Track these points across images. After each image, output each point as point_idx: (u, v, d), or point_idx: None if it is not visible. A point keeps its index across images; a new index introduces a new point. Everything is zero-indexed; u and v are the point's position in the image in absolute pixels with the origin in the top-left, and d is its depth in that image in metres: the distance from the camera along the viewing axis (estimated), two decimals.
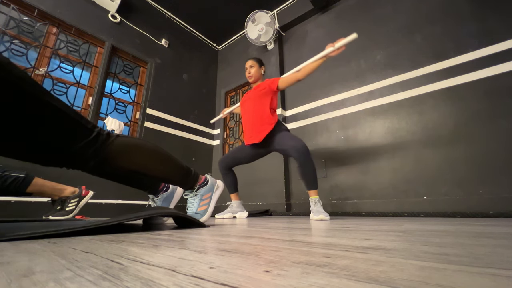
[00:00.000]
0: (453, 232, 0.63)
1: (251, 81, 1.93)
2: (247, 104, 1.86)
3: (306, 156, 1.54)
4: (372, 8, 2.44)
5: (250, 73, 1.91)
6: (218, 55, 3.95)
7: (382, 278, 0.22)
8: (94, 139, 0.70)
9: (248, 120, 1.82)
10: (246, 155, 1.87)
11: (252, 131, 1.77)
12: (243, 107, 1.91)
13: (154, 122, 2.81)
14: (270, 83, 1.79)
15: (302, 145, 1.55)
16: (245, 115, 1.87)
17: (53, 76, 2.16)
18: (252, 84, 1.95)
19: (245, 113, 1.88)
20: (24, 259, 0.33)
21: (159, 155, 0.88)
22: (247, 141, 1.80)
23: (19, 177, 1.32)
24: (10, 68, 0.55)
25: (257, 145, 1.77)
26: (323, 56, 1.58)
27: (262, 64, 1.96)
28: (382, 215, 1.76)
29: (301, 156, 1.53)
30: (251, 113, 1.81)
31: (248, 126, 1.81)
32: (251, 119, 1.80)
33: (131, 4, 2.83)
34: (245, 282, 0.22)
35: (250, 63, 1.93)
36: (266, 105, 1.76)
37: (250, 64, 1.93)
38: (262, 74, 1.95)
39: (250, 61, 1.94)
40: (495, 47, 1.72)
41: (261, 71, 1.94)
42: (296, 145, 1.55)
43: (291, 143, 1.58)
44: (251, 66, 1.92)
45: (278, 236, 0.61)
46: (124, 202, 2.34)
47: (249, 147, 1.84)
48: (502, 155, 1.57)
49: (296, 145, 1.55)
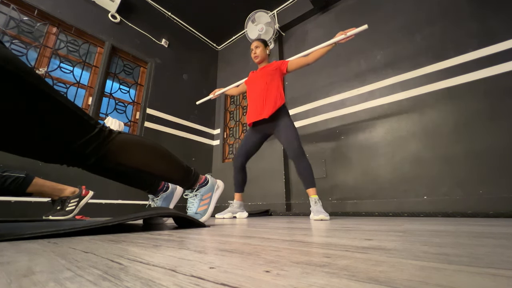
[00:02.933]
0: (453, 232, 0.63)
1: (257, 61, 1.95)
2: (257, 82, 1.86)
3: (300, 155, 1.60)
4: (372, 8, 2.44)
5: (256, 53, 1.93)
6: (218, 55, 3.95)
7: (382, 278, 0.22)
8: (96, 135, 0.70)
9: (258, 97, 1.81)
10: (253, 143, 1.87)
11: (262, 107, 1.76)
12: (251, 85, 1.91)
13: (154, 122, 2.81)
14: (280, 64, 1.83)
15: (297, 145, 1.61)
16: (253, 92, 1.87)
17: (53, 76, 2.16)
18: (259, 65, 1.98)
19: (253, 90, 1.88)
20: (24, 259, 0.33)
21: (160, 152, 0.88)
22: (256, 117, 1.78)
23: (19, 177, 1.32)
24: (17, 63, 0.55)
25: (262, 124, 1.79)
26: (333, 42, 1.64)
27: (267, 44, 1.99)
28: (382, 215, 1.76)
29: (294, 156, 1.61)
30: (260, 90, 1.81)
31: (258, 103, 1.80)
32: (261, 96, 1.79)
33: (131, 4, 2.83)
34: (245, 282, 0.22)
35: (255, 44, 1.96)
36: (277, 83, 1.80)
37: (255, 44, 1.95)
38: (267, 55, 1.97)
39: (255, 42, 1.97)
40: (495, 47, 1.72)
41: (267, 51, 1.97)
42: (292, 147, 1.61)
43: (288, 140, 1.63)
44: (256, 47, 1.94)
45: (278, 236, 0.61)
46: (124, 202, 2.34)
47: (253, 132, 1.85)
48: (502, 155, 1.57)
49: (292, 146, 1.61)
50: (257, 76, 1.88)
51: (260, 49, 1.93)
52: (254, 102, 1.84)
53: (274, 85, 1.79)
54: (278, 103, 1.73)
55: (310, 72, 2.72)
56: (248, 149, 1.89)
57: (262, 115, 1.74)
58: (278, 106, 1.72)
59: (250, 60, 3.36)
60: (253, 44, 1.97)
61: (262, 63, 1.96)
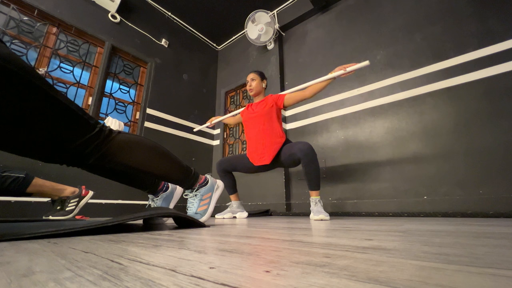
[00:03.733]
0: (453, 232, 0.63)
1: (251, 94, 1.89)
2: (255, 122, 1.79)
3: (310, 156, 1.52)
4: (372, 8, 2.44)
5: (251, 86, 1.87)
6: (218, 55, 3.95)
7: (382, 278, 0.22)
8: (96, 134, 0.70)
9: (258, 139, 1.76)
10: (244, 167, 1.84)
11: (263, 151, 1.72)
12: (248, 122, 1.85)
13: (154, 122, 2.81)
14: (276, 100, 1.76)
15: (308, 146, 1.54)
16: (251, 131, 1.81)
17: (53, 76, 2.16)
18: (254, 98, 1.92)
19: (251, 129, 1.81)
20: (24, 259, 0.33)
21: (159, 152, 0.88)
22: (258, 162, 1.75)
23: (19, 177, 1.32)
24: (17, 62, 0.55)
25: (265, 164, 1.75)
26: (332, 77, 1.59)
27: (264, 77, 1.93)
28: (382, 215, 1.76)
29: (305, 156, 1.53)
30: (258, 132, 1.75)
31: (258, 146, 1.75)
32: (261, 139, 1.74)
33: (131, 4, 2.83)
34: (245, 282, 0.22)
35: (251, 76, 1.89)
36: (275, 121, 1.74)
37: (251, 77, 1.89)
38: (263, 88, 1.92)
39: (252, 74, 1.90)
40: (495, 47, 1.72)
41: (263, 84, 1.91)
42: (301, 147, 1.54)
43: (296, 146, 1.57)
44: (252, 79, 1.88)
45: (278, 236, 0.61)
46: (124, 202, 2.34)
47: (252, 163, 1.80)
48: (502, 155, 1.57)
49: (302, 147, 1.54)
50: (254, 116, 1.80)
51: (256, 82, 1.87)
52: (254, 143, 1.79)
53: (273, 125, 1.74)
54: (278, 145, 1.69)
55: (310, 72, 2.72)
56: (237, 166, 1.85)
57: (263, 161, 1.71)
58: (278, 149, 1.68)
59: (250, 60, 3.36)
60: (249, 76, 1.90)
61: (257, 96, 1.90)
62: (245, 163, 1.84)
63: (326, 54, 2.66)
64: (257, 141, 1.76)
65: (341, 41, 2.57)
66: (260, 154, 1.74)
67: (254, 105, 1.88)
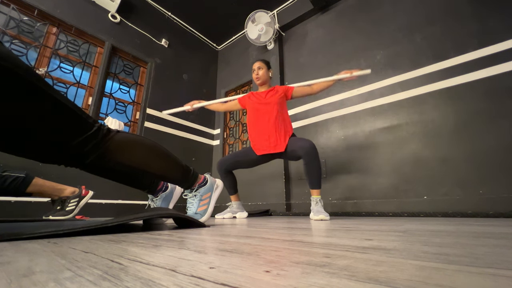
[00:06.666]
0: (453, 232, 0.63)
1: (258, 83, 1.88)
2: (265, 109, 1.75)
3: (312, 155, 1.52)
4: (372, 8, 2.44)
5: (258, 75, 1.85)
6: (218, 55, 3.95)
7: (382, 278, 0.22)
8: (94, 134, 0.70)
9: (269, 127, 1.71)
10: (250, 160, 1.81)
11: (276, 139, 1.68)
12: (259, 111, 1.78)
13: (154, 122, 2.81)
14: (286, 90, 1.78)
15: (310, 145, 1.54)
16: (260, 120, 1.76)
17: (53, 76, 2.16)
18: (259, 87, 1.91)
19: (260, 117, 1.76)
20: (24, 259, 0.33)
21: (158, 152, 0.88)
22: (269, 150, 1.70)
23: (19, 177, 1.32)
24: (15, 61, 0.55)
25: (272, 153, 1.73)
26: (337, 79, 1.63)
27: (270, 67, 1.93)
28: (382, 215, 1.76)
29: (306, 155, 1.52)
30: (270, 120, 1.72)
31: (270, 134, 1.70)
32: (274, 127, 1.70)
33: (131, 4, 2.83)
34: (245, 282, 0.22)
35: (258, 64, 1.88)
36: (286, 111, 1.78)
37: (258, 65, 1.87)
38: (269, 77, 1.91)
39: (258, 63, 1.88)
40: (495, 47, 1.72)
41: (269, 74, 1.90)
42: (303, 145, 1.54)
43: (299, 143, 1.58)
44: (259, 68, 1.86)
45: (278, 236, 0.61)
46: (124, 202, 2.34)
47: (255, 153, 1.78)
48: (502, 155, 1.57)
49: (304, 145, 1.54)
50: (263, 102, 1.77)
51: (263, 71, 1.85)
52: (263, 132, 1.73)
53: (285, 114, 1.76)
54: (290, 134, 1.71)
55: (310, 72, 2.72)
56: (241, 162, 1.82)
57: (277, 149, 1.67)
58: (289, 138, 1.69)
59: (250, 60, 3.36)
60: (255, 64, 1.88)
61: (263, 86, 1.88)
62: (249, 156, 1.80)
63: (326, 54, 2.66)
64: (269, 129, 1.71)
65: (341, 41, 2.57)
66: (274, 141, 1.69)
67: (261, 93, 1.85)
